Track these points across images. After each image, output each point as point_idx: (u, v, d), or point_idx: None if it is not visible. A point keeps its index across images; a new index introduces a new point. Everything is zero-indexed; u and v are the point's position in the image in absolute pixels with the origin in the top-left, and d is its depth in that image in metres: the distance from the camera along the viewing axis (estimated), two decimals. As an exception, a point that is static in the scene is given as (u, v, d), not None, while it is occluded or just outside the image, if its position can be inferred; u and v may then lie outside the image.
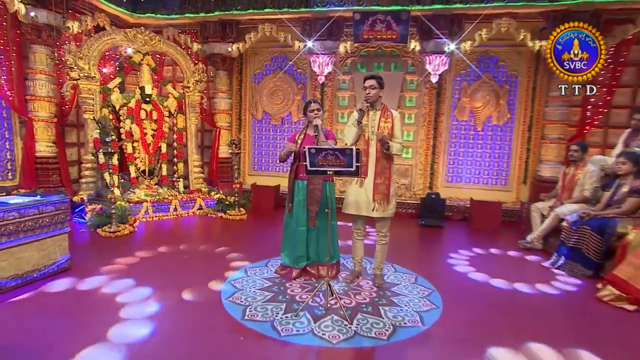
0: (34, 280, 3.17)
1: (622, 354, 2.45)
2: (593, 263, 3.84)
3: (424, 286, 3.43)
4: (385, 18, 6.02)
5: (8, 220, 2.94)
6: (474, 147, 6.76)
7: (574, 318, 3.07)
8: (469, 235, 5.54)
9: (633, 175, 3.89)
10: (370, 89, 3.22)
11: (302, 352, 2.36)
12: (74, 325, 2.60)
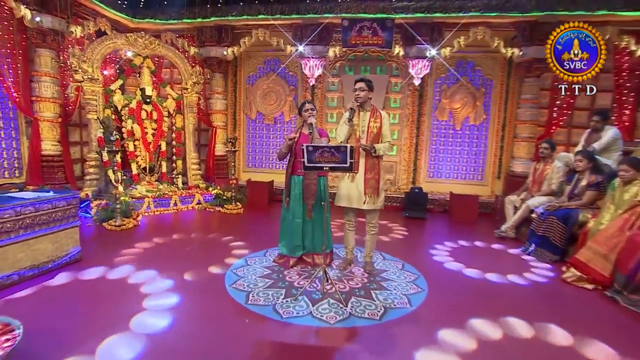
0: (49, 270, 3.26)
1: (583, 327, 2.66)
2: (559, 249, 4.09)
3: (410, 272, 3.62)
4: (372, 25, 6.19)
5: (25, 214, 3.02)
6: (453, 145, 6.98)
7: (543, 297, 3.27)
8: (449, 226, 5.77)
9: (589, 171, 4.15)
10: (360, 90, 3.35)
11: (303, 332, 2.51)
12: (105, 309, 2.71)
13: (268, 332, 2.49)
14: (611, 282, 3.24)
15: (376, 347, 2.32)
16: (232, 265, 3.65)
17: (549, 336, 2.51)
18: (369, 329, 2.55)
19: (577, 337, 2.49)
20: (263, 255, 3.97)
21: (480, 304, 3.00)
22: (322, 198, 3.48)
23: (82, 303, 2.82)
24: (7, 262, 2.90)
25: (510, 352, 2.34)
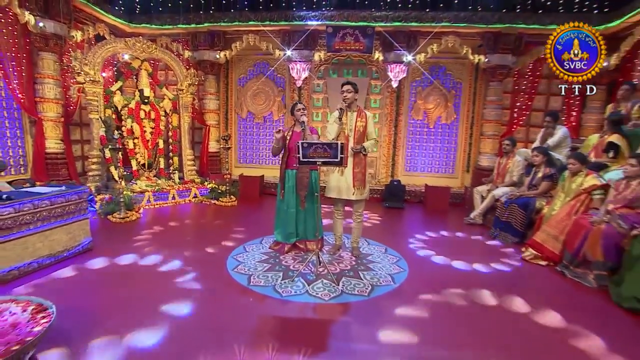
0: (65, 258, 3.34)
1: (537, 296, 2.97)
2: (519, 232, 4.41)
3: (393, 255, 3.86)
4: (354, 32, 6.36)
5: (42, 207, 3.09)
6: (427, 142, 7.27)
7: (505, 273, 3.57)
8: (424, 214, 6.06)
9: (544, 164, 4.49)
10: (347, 92, 3.52)
11: (301, 308, 2.70)
12: (128, 291, 2.83)
13: (271, 309, 2.68)
14: (560, 259, 3.57)
15: (366, 318, 2.55)
16: (232, 252, 3.80)
17: (510, 304, 2.80)
18: (359, 304, 2.77)
19: (532, 304, 2.78)
20: (259, 243, 4.14)
21: (454, 278, 3.27)
22: (314, 190, 3.67)
23: (108, 287, 2.93)
24: (27, 251, 2.98)
25: (477, 316, 2.61)
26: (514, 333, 2.42)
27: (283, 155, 3.78)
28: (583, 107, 6.55)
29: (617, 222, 3.09)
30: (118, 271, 3.21)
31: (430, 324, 2.50)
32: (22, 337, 1.79)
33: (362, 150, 3.48)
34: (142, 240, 4.01)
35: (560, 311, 2.68)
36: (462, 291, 2.97)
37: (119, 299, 2.68)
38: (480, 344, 2.27)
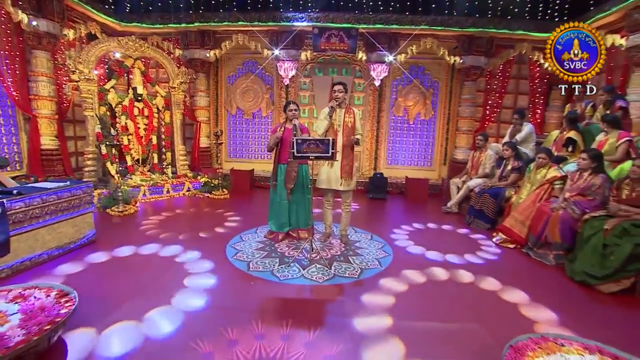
0: (71, 250, 3.41)
1: (503, 273, 3.26)
2: (490, 219, 4.72)
3: (378, 241, 4.09)
4: (339, 33, 6.52)
5: (49, 201, 3.16)
6: (407, 137, 7.54)
7: (478, 253, 3.85)
8: (405, 204, 6.34)
9: (513, 158, 4.81)
10: (339, 92, 3.68)
11: (299, 289, 2.89)
12: (139, 278, 2.95)
13: (271, 291, 2.86)
14: (526, 242, 3.89)
15: (357, 297, 2.76)
16: (229, 240, 3.95)
17: (482, 280, 3.08)
18: (350, 285, 2.98)
19: (502, 281, 3.07)
20: (254, 232, 4.30)
21: (431, 262, 3.53)
22: (303, 183, 3.84)
23: (117, 274, 3.03)
24: (38, 243, 3.05)
25: (453, 290, 2.88)
26: (483, 305, 2.70)
27: (276, 150, 3.92)
28: (547, 106, 6.95)
29: (572, 208, 3.42)
30: (123, 260, 3.31)
31: (414, 299, 2.74)
32: (51, 318, 1.91)
33: (357, 141, 3.67)
34: (144, 231, 4.11)
35: (522, 286, 2.98)
36: (441, 268, 3.24)
37: (129, 285, 2.80)
38: (455, 313, 2.53)
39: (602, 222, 3.09)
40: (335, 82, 3.78)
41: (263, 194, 6.70)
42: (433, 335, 2.28)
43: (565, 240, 3.42)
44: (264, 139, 7.66)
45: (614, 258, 2.82)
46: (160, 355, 1.97)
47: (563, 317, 2.51)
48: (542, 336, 1.82)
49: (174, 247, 3.66)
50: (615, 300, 2.78)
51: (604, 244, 2.95)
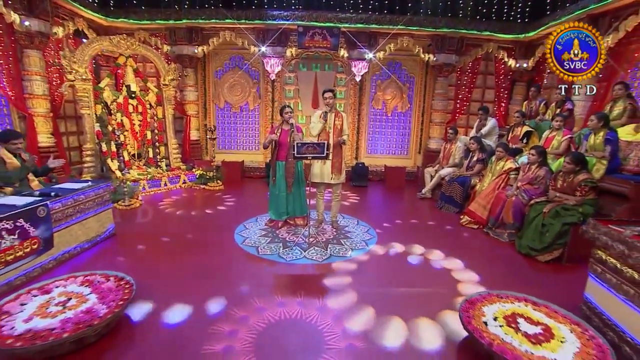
0: (97, 242, 3.87)
1: (471, 252, 4.04)
2: (458, 204, 5.52)
3: (363, 225, 4.80)
4: (322, 31, 7.00)
5: (79, 201, 3.60)
6: (386, 128, 8.24)
7: (447, 234, 4.64)
8: (385, 190, 7.09)
9: (478, 150, 5.60)
10: (329, 98, 4.25)
11: (303, 267, 3.53)
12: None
13: (280, 269, 3.49)
14: (486, 223, 4.71)
15: (350, 271, 3.45)
16: (235, 228, 4.53)
17: (445, 259, 3.86)
18: (344, 262, 3.66)
19: (464, 259, 3.85)
20: (255, 221, 4.88)
21: (411, 238, 4.27)
22: (299, 177, 4.44)
23: (150, 260, 3.56)
24: (72, 238, 3.51)
25: (424, 263, 3.64)
26: (444, 275, 3.47)
27: (273, 149, 4.47)
28: (510, 99, 7.82)
29: (522, 195, 4.24)
30: (149, 248, 3.84)
31: (393, 271, 3.47)
32: (120, 296, 2.46)
33: (343, 142, 4.28)
34: (157, 223, 4.60)
35: (482, 261, 3.78)
36: (420, 256, 3.99)
37: (162, 270, 3.35)
38: (430, 281, 3.28)
39: (542, 206, 3.92)
40: (325, 89, 4.32)
41: (253, 184, 7.29)
42: (411, 294, 3.01)
43: (516, 221, 4.25)
44: (252, 131, 8.13)
45: (549, 234, 3.66)
46: (208, 319, 2.57)
47: (510, 280, 3.32)
48: (488, 293, 2.58)
49: (189, 239, 4.20)
50: (548, 267, 3.63)
51: (542, 223, 3.78)
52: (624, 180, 3.80)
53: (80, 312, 2.23)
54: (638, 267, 2.00)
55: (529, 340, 2.06)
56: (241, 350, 2.22)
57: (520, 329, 2.16)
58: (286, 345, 2.32)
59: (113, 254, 3.69)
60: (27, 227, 2.92)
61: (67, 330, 2.06)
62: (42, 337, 2.00)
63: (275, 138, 4.32)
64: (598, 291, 2.36)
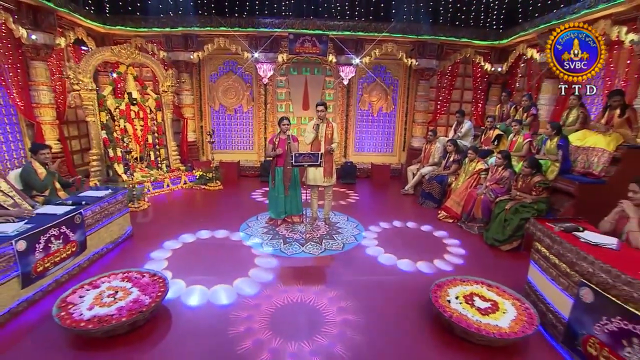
0: (118, 244, 4.41)
1: (444, 242, 4.76)
2: (437, 200, 6.23)
3: (353, 221, 5.46)
4: (312, 38, 7.53)
5: (104, 207, 4.13)
6: (372, 128, 8.88)
7: (426, 227, 5.34)
8: (371, 187, 7.76)
9: (454, 152, 6.30)
10: (321, 111, 4.85)
11: (302, 260, 4.17)
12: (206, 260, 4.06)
13: (283, 262, 4.12)
14: (460, 217, 5.43)
15: (343, 262, 4.11)
16: (240, 226, 5.12)
17: (429, 252, 4.56)
18: (337, 255, 4.32)
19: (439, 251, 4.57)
20: (256, 219, 5.49)
21: (392, 234, 4.96)
22: (295, 180, 5.05)
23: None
24: (100, 240, 4.05)
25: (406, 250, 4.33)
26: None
27: (272, 157, 5.05)
28: (486, 101, 8.55)
29: (489, 194, 4.97)
30: (164, 247, 4.40)
31: (377, 260, 4.15)
32: (157, 289, 3.05)
33: (332, 151, 4.90)
34: (166, 223, 5.15)
35: (456, 248, 4.51)
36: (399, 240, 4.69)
37: (179, 267, 3.93)
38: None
39: (505, 203, 4.64)
40: (318, 103, 4.90)
41: (250, 183, 7.86)
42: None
43: (485, 216, 4.98)
44: (246, 132, 8.66)
45: (509, 228, 4.39)
46: (226, 308, 3.19)
47: (477, 266, 4.04)
48: (453, 278, 3.28)
49: (200, 237, 4.78)
50: (508, 255, 4.38)
51: (505, 219, 4.51)
52: (571, 181, 4.55)
53: (129, 302, 2.82)
54: (558, 256, 2.70)
55: (480, 313, 2.76)
56: (260, 329, 2.85)
57: (475, 305, 2.86)
58: (294, 322, 2.97)
59: (133, 253, 4.25)
60: (68, 233, 3.46)
61: (123, 316, 2.65)
62: (106, 321, 2.59)
63: (279, 153, 4.89)
64: (535, 274, 3.07)
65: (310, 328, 2.88)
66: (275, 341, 2.69)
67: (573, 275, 2.53)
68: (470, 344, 2.65)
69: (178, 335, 2.79)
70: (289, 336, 2.75)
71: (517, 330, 2.58)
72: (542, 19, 6.42)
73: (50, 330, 2.72)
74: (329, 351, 2.60)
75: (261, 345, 2.64)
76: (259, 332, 2.80)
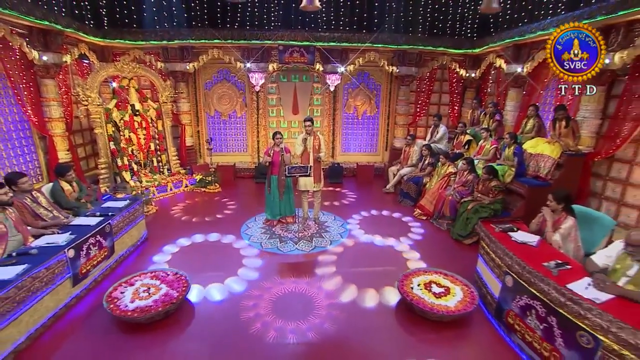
0: (136, 247, 5.17)
1: (420, 238, 5.64)
2: (413, 199, 7.10)
3: (339, 220, 6.30)
4: (300, 49, 8.24)
5: (125, 216, 4.87)
6: (357, 130, 9.68)
7: (404, 221, 6.21)
8: (357, 186, 8.60)
9: (429, 155, 7.16)
10: (308, 127, 5.61)
11: (296, 256, 5.00)
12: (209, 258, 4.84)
13: (280, 259, 4.95)
14: (432, 215, 6.32)
15: (331, 258, 4.95)
16: (241, 227, 5.91)
17: (397, 242, 5.43)
18: (325, 251, 5.16)
19: (413, 242, 5.44)
20: (254, 220, 6.28)
21: (376, 229, 5.81)
22: (288, 186, 5.84)
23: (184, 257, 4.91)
24: (124, 245, 4.80)
25: (384, 247, 5.19)
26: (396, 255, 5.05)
27: (267, 166, 5.81)
28: (462, 104, 9.41)
29: (456, 195, 5.85)
30: (176, 248, 5.18)
31: (361, 253, 5.00)
32: (181, 285, 3.84)
33: (319, 158, 5.68)
34: (175, 225, 5.91)
35: (426, 243, 5.39)
36: (378, 238, 5.55)
37: (191, 264, 4.72)
38: (384, 261, 4.83)
39: (468, 204, 5.53)
40: (306, 118, 5.65)
41: (246, 184, 8.62)
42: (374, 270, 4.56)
43: (452, 214, 5.87)
44: (240, 136, 9.38)
45: (470, 225, 5.29)
46: (236, 299, 4.00)
47: (443, 257, 4.92)
48: (417, 269, 4.16)
49: (206, 239, 5.55)
50: (469, 248, 5.28)
51: (467, 217, 5.40)
52: (522, 184, 5.46)
53: (161, 296, 3.62)
54: (494, 252, 3.58)
55: (435, 296, 3.64)
56: (265, 314, 3.69)
57: (432, 290, 3.74)
58: (292, 307, 3.82)
59: (150, 254, 5.01)
60: (101, 240, 4.21)
61: (159, 306, 3.45)
62: (147, 310, 3.38)
63: (268, 160, 5.64)
64: (481, 265, 3.97)
65: (304, 311, 3.73)
66: (278, 322, 3.54)
67: (502, 266, 3.41)
68: (427, 320, 3.53)
69: (201, 319, 3.61)
70: (288, 318, 3.60)
71: (460, 308, 3.47)
72: (507, 33, 7.24)
73: (100, 319, 3.52)
74: (320, 327, 3.47)
75: (268, 326, 3.48)
76: (264, 316, 3.64)
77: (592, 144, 5.68)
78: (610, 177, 5.69)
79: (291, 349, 3.22)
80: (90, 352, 3.15)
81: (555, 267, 3.02)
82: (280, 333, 3.39)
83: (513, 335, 3.22)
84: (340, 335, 3.40)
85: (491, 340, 3.38)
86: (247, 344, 3.26)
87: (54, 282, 3.43)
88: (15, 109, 6.25)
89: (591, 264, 3.04)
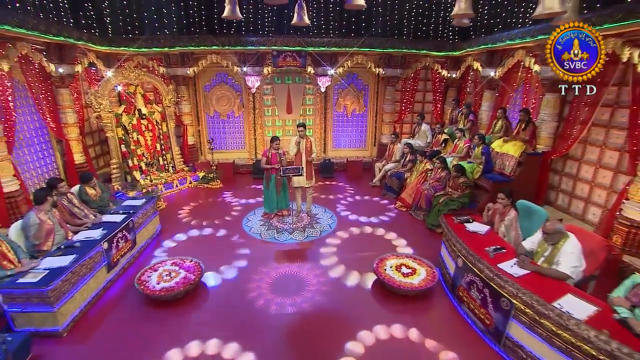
0: (153, 238, 6.02)
1: (395, 224, 6.53)
2: (396, 192, 7.98)
3: (329, 212, 7.18)
4: (292, 54, 8.98)
5: (144, 213, 5.71)
6: (347, 127, 10.50)
7: (383, 212, 7.10)
8: (346, 180, 9.45)
9: (410, 153, 8.01)
10: (301, 131, 6.43)
11: (291, 245, 5.89)
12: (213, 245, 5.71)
13: (278, 247, 5.82)
14: (412, 207, 7.21)
15: (321, 246, 5.84)
16: (242, 220, 6.77)
17: (378, 230, 6.32)
18: (316, 240, 6.05)
19: (397, 232, 6.33)
20: (253, 213, 7.14)
21: (358, 211, 6.70)
22: (284, 183, 6.69)
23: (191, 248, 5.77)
24: (142, 237, 5.65)
25: (368, 235, 6.09)
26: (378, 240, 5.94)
27: (266, 168, 6.63)
28: (444, 102, 10.22)
29: (431, 189, 6.74)
30: (186, 239, 6.04)
31: (347, 242, 5.89)
32: (197, 270, 4.71)
33: (312, 160, 6.52)
34: (184, 219, 6.76)
35: (404, 231, 6.29)
36: (367, 221, 6.44)
37: (200, 253, 5.58)
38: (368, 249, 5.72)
39: (440, 197, 6.41)
40: (298, 124, 6.46)
41: (245, 180, 9.44)
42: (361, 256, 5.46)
43: (427, 206, 6.76)
44: (238, 134, 10.18)
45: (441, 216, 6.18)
46: (240, 281, 4.88)
47: (418, 244, 5.82)
48: (391, 254, 5.06)
49: (212, 231, 6.41)
50: (439, 236, 6.14)
51: (439, 209, 6.29)
52: (487, 180, 6.34)
53: (181, 279, 4.49)
54: (450, 239, 4.47)
55: (403, 275, 4.55)
56: (266, 292, 4.58)
57: (401, 271, 4.64)
58: (287, 286, 4.72)
59: (165, 245, 5.87)
60: (127, 234, 5.06)
61: (180, 287, 4.33)
62: (171, 289, 4.26)
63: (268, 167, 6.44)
64: (443, 250, 4.88)
65: (298, 288, 4.63)
66: (278, 298, 4.43)
67: (455, 251, 4.31)
68: (396, 295, 4.44)
69: (215, 297, 4.50)
70: (286, 294, 4.50)
71: (422, 285, 4.38)
72: (483, 39, 8.01)
73: (131, 298, 4.40)
74: (313, 300, 4.38)
75: (270, 302, 4.38)
76: (266, 295, 4.53)
77: (550, 144, 6.55)
78: (565, 173, 6.59)
79: (289, 317, 4.12)
80: (129, 322, 4.04)
81: (493, 251, 3.92)
82: (280, 307, 4.28)
83: (463, 305, 4.14)
84: (328, 306, 4.31)
85: (446, 309, 4.31)
86: (254, 315, 4.16)
87: (94, 269, 4.29)
88: (35, 117, 6.99)
89: (521, 248, 3.95)
